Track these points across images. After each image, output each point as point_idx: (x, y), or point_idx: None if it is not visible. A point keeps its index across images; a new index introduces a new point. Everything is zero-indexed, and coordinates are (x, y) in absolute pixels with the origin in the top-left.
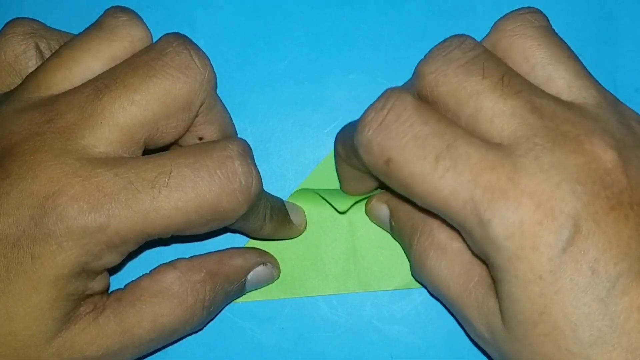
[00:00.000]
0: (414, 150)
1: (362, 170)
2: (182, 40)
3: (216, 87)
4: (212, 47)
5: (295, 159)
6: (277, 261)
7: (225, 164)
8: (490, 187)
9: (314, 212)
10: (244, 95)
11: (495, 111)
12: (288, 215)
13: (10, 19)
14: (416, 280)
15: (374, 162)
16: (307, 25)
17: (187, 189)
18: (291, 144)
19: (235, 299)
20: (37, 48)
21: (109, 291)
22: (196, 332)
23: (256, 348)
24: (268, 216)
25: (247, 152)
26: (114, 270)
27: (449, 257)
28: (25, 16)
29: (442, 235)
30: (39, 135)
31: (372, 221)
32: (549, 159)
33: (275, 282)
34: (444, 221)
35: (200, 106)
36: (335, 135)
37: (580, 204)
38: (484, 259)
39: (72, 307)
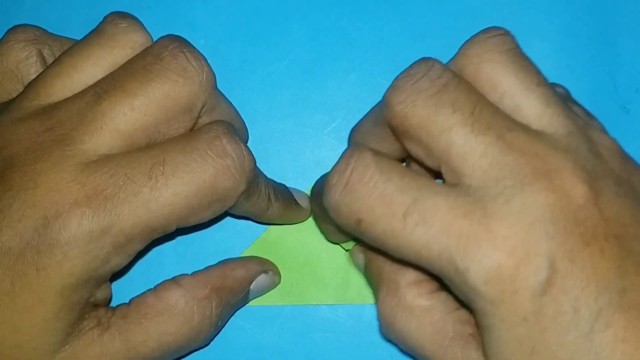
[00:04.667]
0: (382, 209)
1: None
2: (177, 42)
3: (216, 86)
4: (212, 47)
5: (295, 159)
6: (277, 268)
7: (214, 144)
8: (463, 234)
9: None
10: (244, 95)
11: (467, 149)
12: (292, 196)
13: (10, 20)
14: (384, 339)
15: (346, 224)
16: (307, 25)
17: (182, 174)
18: (291, 144)
19: (239, 309)
20: (40, 55)
21: (113, 306)
22: (202, 347)
23: (256, 348)
24: (273, 196)
25: (232, 130)
26: (117, 275)
27: (417, 317)
28: (25, 17)
29: (410, 295)
30: (39, 144)
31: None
32: (520, 200)
33: (276, 289)
34: (414, 277)
35: (202, 107)
36: (334, 136)
37: (554, 244)
38: (468, 305)
39: (77, 317)
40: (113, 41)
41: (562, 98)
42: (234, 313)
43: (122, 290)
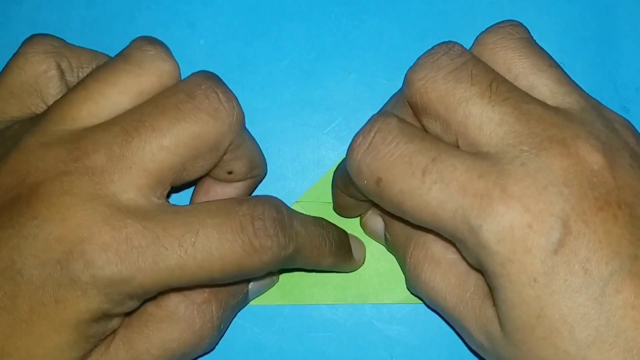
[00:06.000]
0: (401, 168)
1: (359, 198)
2: (211, 82)
3: (244, 125)
4: (212, 47)
5: (295, 159)
6: None
7: (251, 225)
8: (478, 194)
9: None
10: (244, 95)
11: (484, 119)
12: (350, 250)
13: (10, 20)
14: (412, 293)
15: (366, 184)
16: (307, 25)
17: (212, 250)
18: (291, 144)
19: (240, 310)
20: (59, 68)
21: None
22: (208, 352)
23: (256, 348)
24: (328, 248)
25: (273, 213)
26: None
27: (443, 269)
28: (25, 17)
29: (436, 247)
30: (66, 175)
31: (367, 234)
32: (535, 163)
33: (275, 288)
34: (438, 234)
35: (229, 145)
36: (334, 136)
37: (568, 206)
38: (479, 268)
39: (90, 347)
40: (140, 69)
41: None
42: (236, 314)
43: None
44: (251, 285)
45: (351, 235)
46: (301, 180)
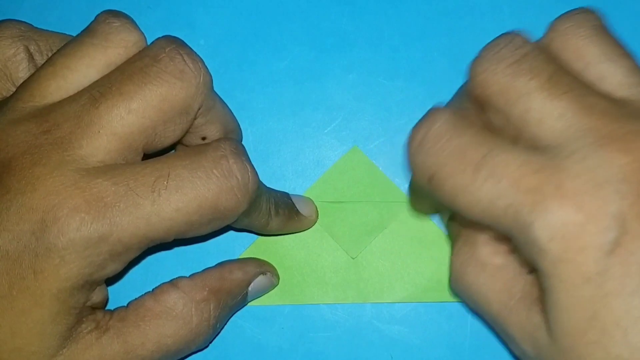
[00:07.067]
0: (453, 164)
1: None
2: (174, 44)
3: (212, 87)
4: (212, 47)
5: (295, 159)
6: (276, 269)
7: (220, 163)
8: (531, 190)
9: (317, 220)
10: (244, 95)
11: (543, 113)
12: (295, 207)
13: (10, 19)
14: (453, 291)
15: (420, 181)
16: (307, 25)
17: (186, 190)
18: (291, 144)
19: (237, 311)
20: (27, 51)
21: (112, 309)
22: (202, 349)
23: (256, 348)
24: (273, 211)
25: (240, 150)
26: (115, 278)
27: (489, 272)
28: (25, 17)
29: (485, 250)
30: (36, 147)
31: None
32: (593, 159)
33: (275, 288)
34: (492, 235)
35: (199, 109)
36: (334, 136)
37: (626, 204)
38: (533, 267)
39: (74, 321)
40: (106, 41)
41: None
42: (233, 315)
43: (121, 293)
44: (251, 287)
45: (295, 195)
46: (301, 180)
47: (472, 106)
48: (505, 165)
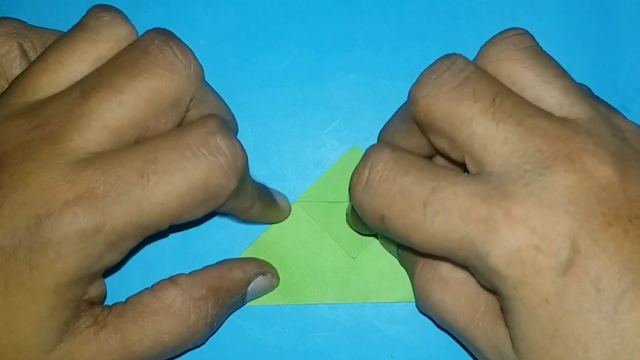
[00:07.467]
0: (402, 203)
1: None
2: (164, 36)
3: (204, 79)
4: (212, 47)
5: (295, 159)
6: (276, 270)
7: (207, 140)
8: (482, 219)
9: (317, 220)
10: (244, 95)
11: (488, 138)
12: (272, 196)
13: (5, 17)
14: (421, 312)
15: (371, 222)
16: (307, 25)
17: (175, 172)
18: (291, 144)
19: (235, 310)
20: (21, 48)
21: (110, 304)
22: (198, 347)
23: (256, 348)
24: (256, 195)
25: (225, 125)
26: (114, 269)
27: (452, 288)
28: (25, 17)
29: (445, 267)
30: (28, 143)
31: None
32: (540, 182)
33: (275, 288)
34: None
35: (191, 101)
36: (334, 136)
37: (575, 224)
38: (493, 291)
39: (72, 315)
40: (97, 35)
41: (584, 90)
42: (231, 314)
43: (120, 289)
44: (250, 287)
45: (271, 189)
46: (301, 180)
47: (414, 128)
48: (454, 197)
